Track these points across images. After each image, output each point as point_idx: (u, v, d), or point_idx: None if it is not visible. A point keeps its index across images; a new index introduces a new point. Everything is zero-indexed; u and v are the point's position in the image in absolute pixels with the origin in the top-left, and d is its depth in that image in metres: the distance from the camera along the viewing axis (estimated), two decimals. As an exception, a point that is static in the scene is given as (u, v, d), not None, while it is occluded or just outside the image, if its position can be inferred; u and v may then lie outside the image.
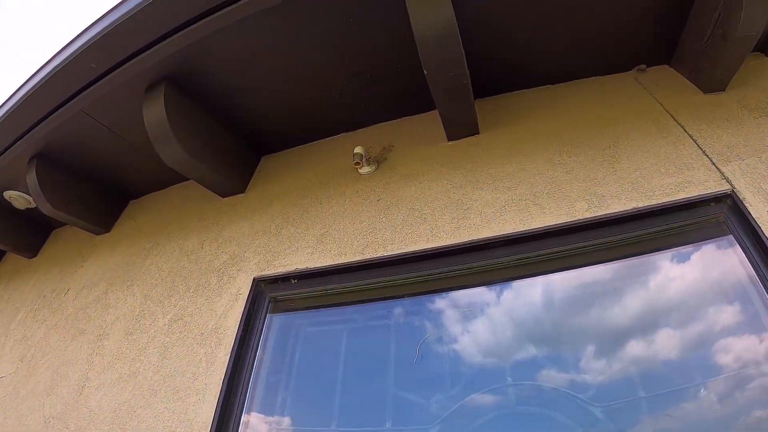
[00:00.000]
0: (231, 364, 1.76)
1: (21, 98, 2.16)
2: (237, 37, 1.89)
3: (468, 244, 1.76)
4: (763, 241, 1.44)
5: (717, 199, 1.58)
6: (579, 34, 1.96)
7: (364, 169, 2.20)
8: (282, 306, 2.00)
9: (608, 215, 1.64)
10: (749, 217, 1.49)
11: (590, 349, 1.54)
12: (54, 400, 2.11)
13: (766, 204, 1.50)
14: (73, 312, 2.50)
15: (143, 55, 1.92)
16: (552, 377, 1.53)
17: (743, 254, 1.50)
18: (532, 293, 1.71)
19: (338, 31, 1.90)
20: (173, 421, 1.74)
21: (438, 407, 1.60)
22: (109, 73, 2.02)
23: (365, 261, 1.87)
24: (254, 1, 1.71)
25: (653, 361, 1.45)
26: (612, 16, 1.89)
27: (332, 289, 1.91)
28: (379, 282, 1.87)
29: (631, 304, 1.58)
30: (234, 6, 1.73)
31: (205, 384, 1.77)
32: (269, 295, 1.98)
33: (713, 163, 1.65)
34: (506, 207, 1.81)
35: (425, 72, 1.81)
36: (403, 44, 1.87)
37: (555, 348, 1.60)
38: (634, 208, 1.63)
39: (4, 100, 2.32)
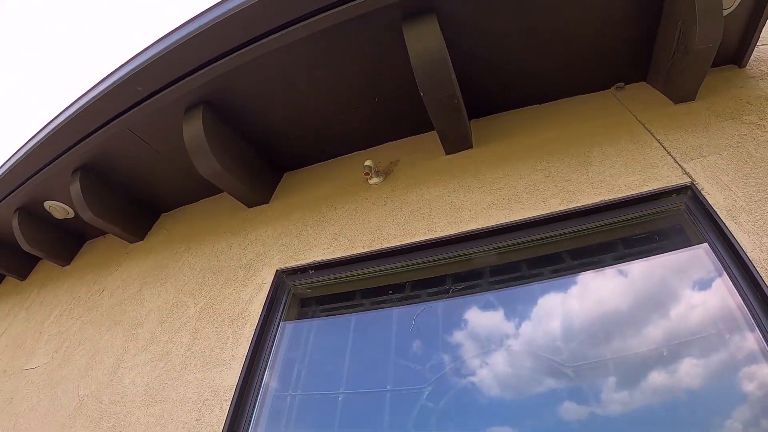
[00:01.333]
0: (255, 338, 2.07)
1: (71, 115, 2.56)
2: (263, 67, 2.28)
3: (459, 235, 2.03)
4: (718, 224, 1.62)
5: (678, 190, 1.79)
6: (561, 58, 2.24)
7: (373, 180, 2.54)
8: (301, 293, 2.33)
9: (578, 207, 1.87)
10: (706, 205, 1.68)
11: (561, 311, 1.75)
12: (88, 382, 2.42)
13: (723, 192, 1.69)
14: (108, 308, 2.83)
15: (184, 81, 2.32)
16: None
17: (702, 237, 1.67)
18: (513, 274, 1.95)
19: (349, 62, 2.26)
20: (201, 388, 2.02)
21: (432, 371, 1.84)
22: (153, 96, 2.41)
23: (372, 252, 2.17)
24: (278, 38, 2.14)
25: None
26: (590, 41, 2.16)
27: (344, 277, 2.22)
28: (384, 270, 2.16)
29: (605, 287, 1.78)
30: (260, 42, 2.14)
31: (232, 355, 2.08)
32: (290, 284, 2.31)
33: (676, 162, 1.85)
34: (492, 205, 2.08)
35: (421, 93, 2.15)
36: (404, 72, 2.21)
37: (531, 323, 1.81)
38: (601, 201, 1.85)
39: (54, 116, 2.66)
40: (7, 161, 2.94)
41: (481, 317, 1.92)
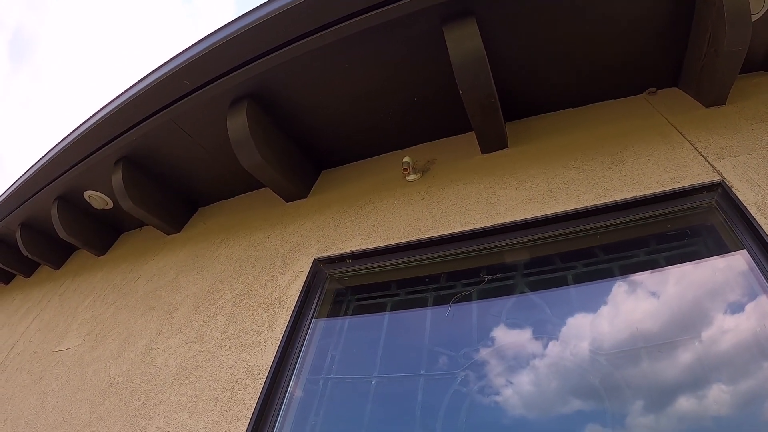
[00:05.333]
0: (291, 321, 2.13)
1: (117, 106, 2.67)
2: (306, 65, 2.39)
3: (494, 227, 2.11)
4: (749, 219, 1.69)
5: (709, 187, 1.85)
6: (594, 64, 2.34)
7: (411, 177, 2.63)
8: (337, 281, 2.40)
9: (611, 202, 1.95)
10: (737, 201, 1.75)
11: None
12: (120, 363, 2.49)
13: (752, 189, 1.76)
14: (143, 294, 2.91)
15: (231, 75, 2.43)
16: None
17: (733, 233, 1.74)
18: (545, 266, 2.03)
19: (390, 63, 2.37)
20: (236, 368, 2.08)
21: (465, 357, 1.90)
22: (200, 89, 2.52)
23: (409, 242, 2.25)
24: (320, 37, 2.24)
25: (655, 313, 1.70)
26: (623, 47, 2.25)
27: (381, 266, 2.30)
28: (420, 260, 2.24)
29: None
30: (304, 41, 2.25)
31: (267, 338, 2.14)
32: (327, 272, 2.39)
33: (707, 161, 1.93)
34: (527, 200, 2.16)
35: (461, 91, 2.25)
36: (442, 75, 2.31)
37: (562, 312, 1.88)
38: (635, 196, 1.92)
39: (99, 107, 2.77)
40: (50, 150, 3.06)
41: (515, 308, 1.99)
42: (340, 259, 2.40)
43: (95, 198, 3.27)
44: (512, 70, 2.39)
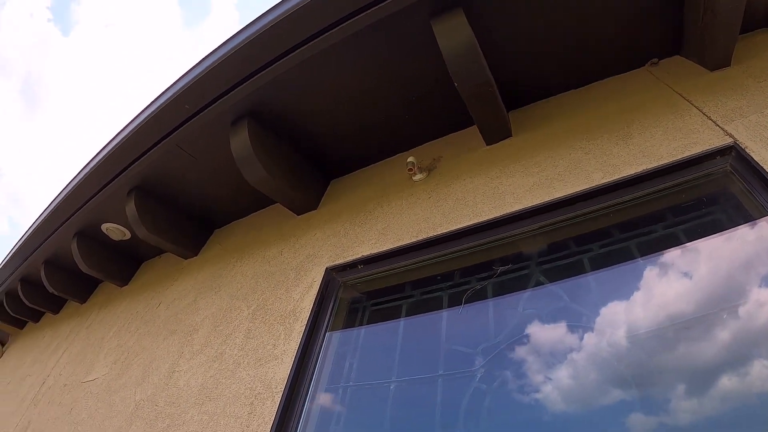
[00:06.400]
0: (306, 332, 2.12)
1: (123, 137, 2.74)
2: (299, 77, 2.40)
3: (503, 217, 2.06)
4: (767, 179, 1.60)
5: (721, 152, 1.77)
6: (592, 41, 2.27)
7: (417, 177, 2.60)
8: (351, 288, 2.37)
9: (621, 178, 1.88)
10: (752, 162, 1.66)
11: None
12: (144, 388, 2.51)
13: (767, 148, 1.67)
14: (164, 319, 2.94)
15: (227, 96, 2.46)
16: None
17: (754, 198, 1.65)
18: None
19: (383, 64, 2.36)
20: (254, 383, 2.08)
21: (483, 354, 1.84)
22: (200, 112, 2.55)
23: (419, 241, 2.21)
24: (311, 47, 2.24)
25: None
26: (620, 20, 2.18)
27: (392, 268, 2.26)
28: (432, 258, 2.19)
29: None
30: (294, 53, 2.26)
31: (284, 350, 2.13)
32: (340, 280, 2.37)
33: (717, 125, 1.84)
34: (534, 186, 2.10)
35: (456, 84, 2.22)
36: (439, 70, 2.28)
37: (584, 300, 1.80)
38: (644, 169, 1.85)
39: (107, 141, 2.84)
40: (65, 188, 3.14)
41: (532, 298, 1.93)
42: (352, 265, 2.38)
43: (113, 230, 3.34)
44: (508, 58, 2.34)
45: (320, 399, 1.98)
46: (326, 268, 2.42)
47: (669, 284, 1.68)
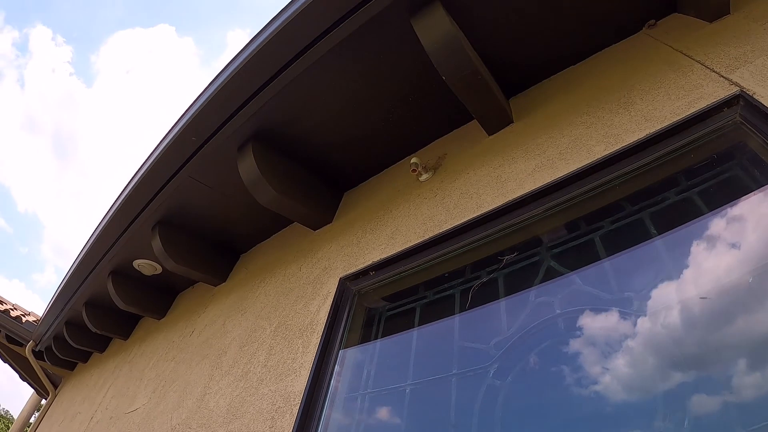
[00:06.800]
0: (321, 344, 2.11)
1: (141, 176, 2.88)
2: (296, 92, 2.43)
3: (505, 205, 1.98)
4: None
5: (728, 102, 1.63)
6: (584, 13, 2.16)
7: (423, 177, 2.56)
8: (365, 297, 2.34)
9: (623, 147, 1.77)
10: (762, 107, 1.52)
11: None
12: (180, 413, 2.58)
13: (778, 91, 1.53)
14: (197, 345, 3.02)
15: (229, 123, 2.53)
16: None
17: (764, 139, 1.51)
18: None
19: (372, 68, 2.35)
20: (275, 397, 2.09)
21: (497, 347, 1.76)
22: (206, 143, 2.64)
23: (424, 241, 2.16)
24: (297, 65, 2.28)
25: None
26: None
27: (402, 272, 2.22)
28: (440, 256, 2.13)
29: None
30: (287, 70, 2.29)
31: (301, 363, 2.13)
32: (354, 289, 2.34)
33: (722, 76, 1.71)
34: (536, 169, 2.01)
35: (444, 78, 2.18)
36: (427, 66, 2.24)
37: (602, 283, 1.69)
38: (647, 135, 1.73)
39: (127, 181, 3.00)
40: (95, 229, 3.31)
41: (543, 284, 1.83)
42: (363, 273, 2.36)
43: (144, 265, 3.47)
44: (499, 44, 2.28)
45: (339, 409, 1.94)
46: (340, 279, 2.41)
47: (695, 253, 1.55)
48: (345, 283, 2.39)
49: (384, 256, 2.30)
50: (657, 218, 1.68)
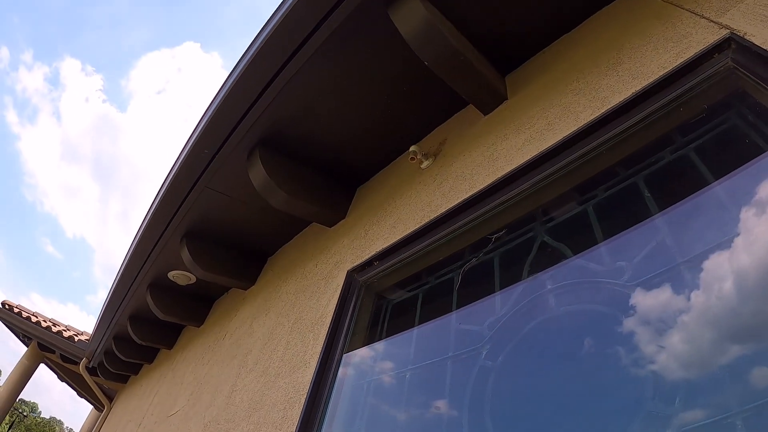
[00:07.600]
0: (328, 335, 2.14)
1: (165, 191, 3.03)
2: (293, 95, 2.48)
3: (494, 183, 1.93)
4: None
5: (719, 47, 1.50)
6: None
7: (425, 164, 2.53)
8: (371, 287, 2.35)
9: (607, 110, 1.67)
10: (754, 48, 1.39)
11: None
12: (211, 410, 2.72)
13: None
14: (228, 347, 3.16)
15: (234, 132, 2.62)
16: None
17: (762, 86, 1.37)
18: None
19: (361, 64, 2.36)
20: (288, 389, 2.17)
21: (490, 327, 1.71)
22: (217, 154, 2.74)
23: (422, 227, 2.14)
24: (290, 67, 2.33)
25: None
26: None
27: (404, 259, 2.20)
28: (438, 241, 2.10)
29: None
30: (280, 76, 2.34)
31: (311, 355, 2.19)
32: (360, 280, 2.36)
33: (711, 21, 1.58)
34: (525, 143, 1.94)
35: (426, 63, 2.15)
36: (413, 55, 2.24)
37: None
38: (633, 93, 1.63)
39: (154, 196, 3.17)
40: (130, 246, 3.53)
41: (538, 260, 1.75)
42: (368, 263, 2.37)
43: (179, 276, 3.65)
44: (486, 21, 2.20)
45: (344, 395, 1.96)
46: (347, 271, 2.43)
47: (695, 213, 1.44)
48: (352, 275, 2.41)
49: (386, 245, 2.30)
50: (651, 181, 1.57)
